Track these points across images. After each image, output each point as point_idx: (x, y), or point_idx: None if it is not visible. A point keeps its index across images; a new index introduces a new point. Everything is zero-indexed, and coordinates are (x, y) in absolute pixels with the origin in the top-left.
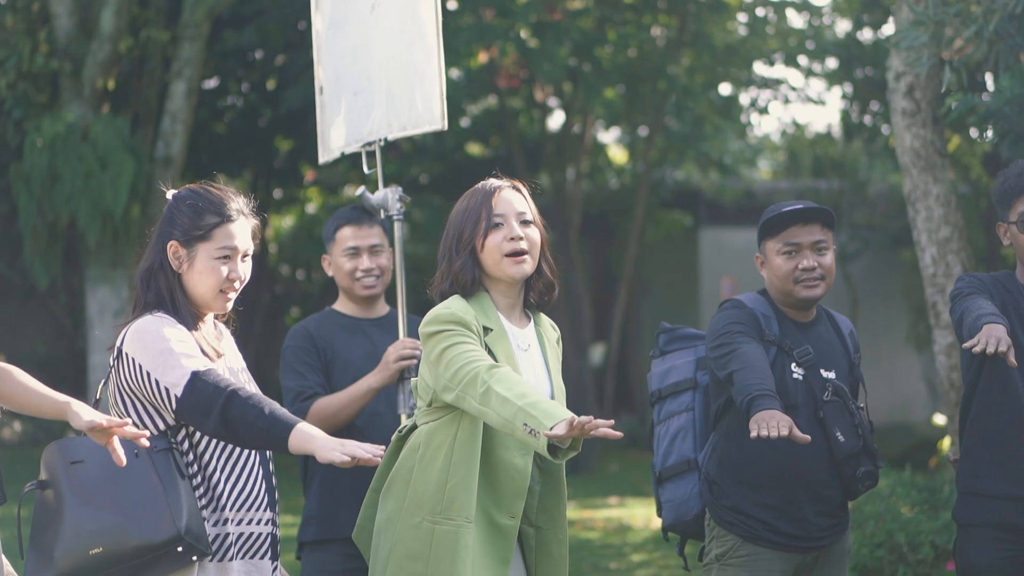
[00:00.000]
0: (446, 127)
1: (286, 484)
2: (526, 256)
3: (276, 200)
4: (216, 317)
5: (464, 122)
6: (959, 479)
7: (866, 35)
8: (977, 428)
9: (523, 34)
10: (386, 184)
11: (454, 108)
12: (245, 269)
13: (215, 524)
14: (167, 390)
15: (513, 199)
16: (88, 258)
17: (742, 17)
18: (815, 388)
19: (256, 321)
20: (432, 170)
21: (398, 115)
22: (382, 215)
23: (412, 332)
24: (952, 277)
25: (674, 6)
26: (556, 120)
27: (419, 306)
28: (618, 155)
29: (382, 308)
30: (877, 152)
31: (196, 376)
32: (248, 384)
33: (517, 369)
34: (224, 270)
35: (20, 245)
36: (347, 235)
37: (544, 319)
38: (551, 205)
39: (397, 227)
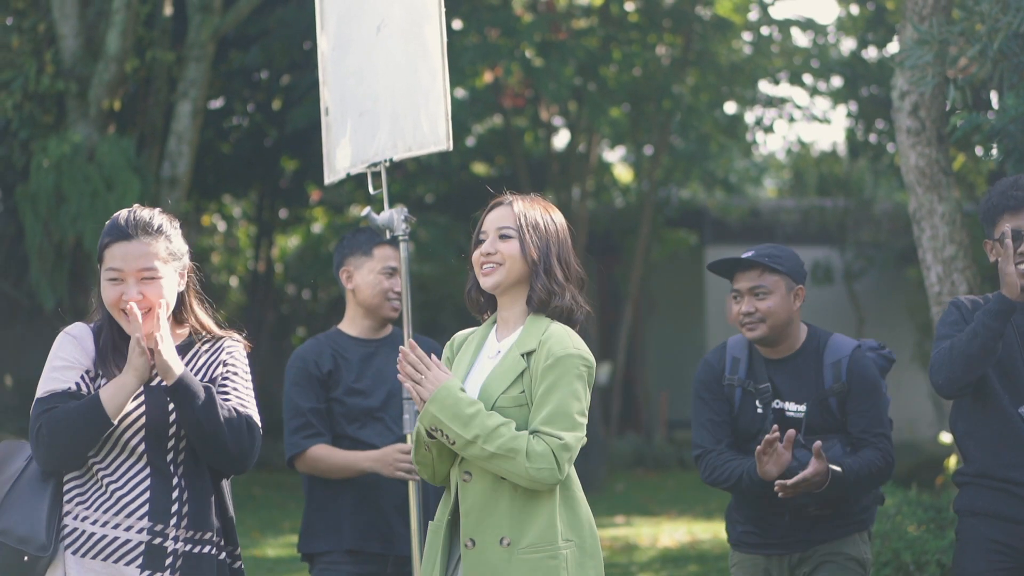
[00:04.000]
0: (451, 148)
1: (292, 504)
2: (496, 268)
3: (282, 220)
4: (209, 340)
5: (469, 141)
6: (957, 499)
7: (871, 54)
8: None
9: (528, 54)
10: (392, 204)
11: (459, 127)
12: (153, 289)
13: (82, 520)
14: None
15: (498, 216)
16: (94, 278)
17: (747, 36)
18: (767, 421)
19: (262, 341)
20: (438, 189)
21: (403, 136)
22: (388, 235)
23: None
24: (958, 295)
25: (679, 25)
26: (561, 139)
27: (424, 326)
28: (623, 174)
29: (388, 328)
30: (882, 170)
31: (36, 401)
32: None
33: (460, 376)
34: (114, 291)
35: (26, 265)
36: (388, 254)
37: (535, 331)
38: None
39: (403, 247)
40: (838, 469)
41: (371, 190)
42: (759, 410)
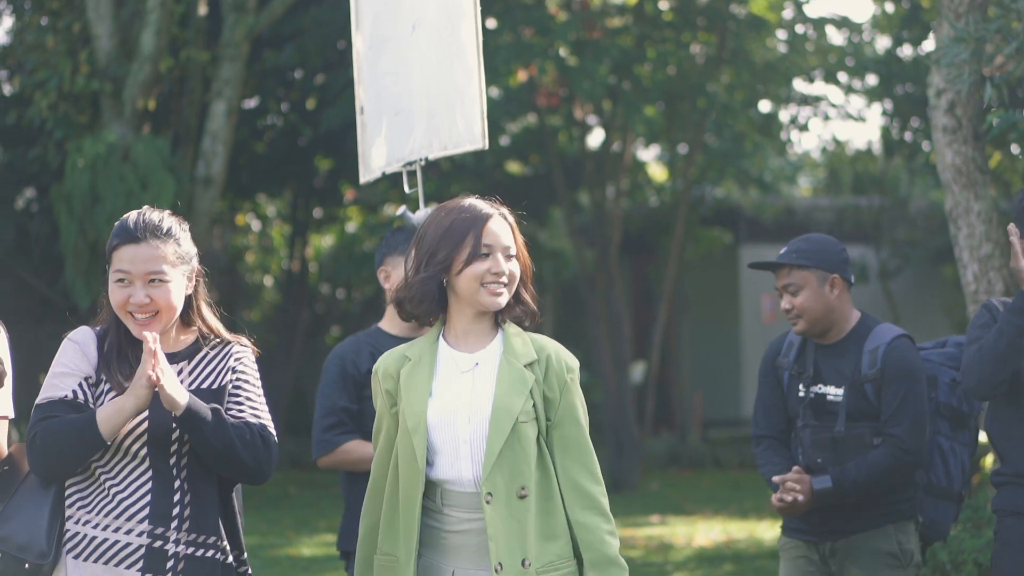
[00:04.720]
0: (487, 146)
1: (326, 503)
2: (504, 290)
3: (316, 219)
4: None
5: (504, 140)
6: (995, 499)
7: (906, 52)
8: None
9: (562, 52)
10: (427, 203)
11: (493, 126)
12: (160, 293)
13: (83, 523)
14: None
15: (502, 232)
16: None
17: (781, 34)
18: (806, 404)
19: (296, 340)
20: (472, 188)
21: (439, 135)
22: None
23: None
24: (994, 294)
25: (713, 23)
26: (596, 138)
27: None
28: (658, 173)
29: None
30: (918, 169)
31: (35, 408)
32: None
33: (425, 391)
34: (122, 293)
35: (61, 265)
36: None
37: (520, 341)
38: (591, 223)
39: None
40: (826, 484)
41: (406, 189)
42: (800, 393)
